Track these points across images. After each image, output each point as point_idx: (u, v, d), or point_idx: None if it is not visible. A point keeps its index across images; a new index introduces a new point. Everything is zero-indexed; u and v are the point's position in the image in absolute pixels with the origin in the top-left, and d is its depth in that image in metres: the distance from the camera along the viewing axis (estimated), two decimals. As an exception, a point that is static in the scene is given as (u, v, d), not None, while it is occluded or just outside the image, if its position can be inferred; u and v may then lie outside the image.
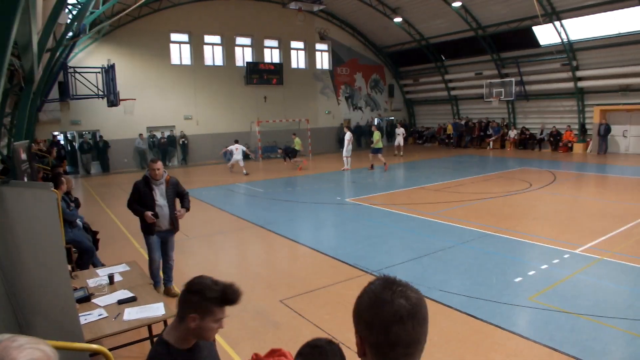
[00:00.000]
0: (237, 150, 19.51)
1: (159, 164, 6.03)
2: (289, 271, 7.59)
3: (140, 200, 6.04)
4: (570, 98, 24.62)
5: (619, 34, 21.26)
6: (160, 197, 6.08)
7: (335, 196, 13.92)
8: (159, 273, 6.42)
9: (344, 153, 19.95)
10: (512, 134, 27.05)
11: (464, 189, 14.30)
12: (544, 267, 7.04)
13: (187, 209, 6.30)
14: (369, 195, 13.70)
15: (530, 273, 6.80)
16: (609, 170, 17.98)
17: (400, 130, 25.20)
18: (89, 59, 21.27)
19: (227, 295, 2.20)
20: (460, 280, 6.67)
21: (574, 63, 23.28)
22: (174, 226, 6.30)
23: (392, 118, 34.18)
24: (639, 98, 21.91)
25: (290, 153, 21.69)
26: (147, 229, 6.15)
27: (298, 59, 29.46)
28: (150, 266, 6.34)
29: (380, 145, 19.33)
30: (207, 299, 2.15)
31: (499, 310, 5.60)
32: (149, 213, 5.96)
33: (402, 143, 24.99)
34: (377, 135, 19.31)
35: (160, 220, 6.11)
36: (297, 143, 22.09)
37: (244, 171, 19.26)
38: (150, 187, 6.04)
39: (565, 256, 7.50)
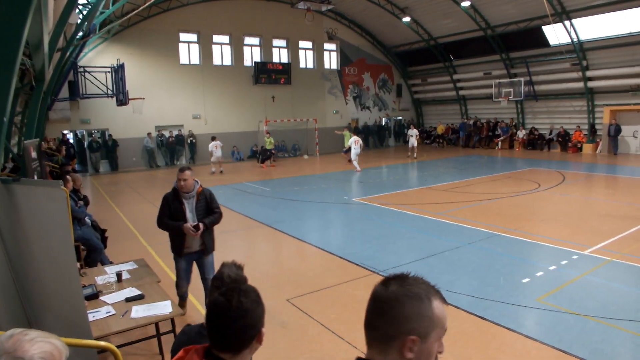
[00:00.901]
0: (217, 148, 20.18)
1: (187, 174, 5.12)
2: (296, 270, 7.60)
3: (170, 216, 5.21)
4: (579, 98, 24.44)
5: (630, 33, 21.07)
6: (190, 213, 5.19)
7: (342, 196, 13.92)
8: (186, 294, 5.72)
9: (352, 156, 19.57)
10: (521, 134, 26.91)
11: (472, 189, 14.25)
12: (552, 268, 7.00)
13: (205, 225, 5.21)
14: (376, 195, 13.68)
15: (538, 274, 6.76)
16: (619, 171, 17.83)
17: (413, 132, 24.19)
18: (98, 58, 21.43)
19: None
20: (467, 280, 6.64)
21: (584, 63, 23.10)
22: (205, 246, 5.36)
23: (400, 118, 34.15)
24: (649, 98, 21.73)
25: (263, 155, 22.26)
26: (177, 248, 5.33)
27: (306, 59, 29.48)
28: (176, 289, 5.65)
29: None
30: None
31: (506, 311, 5.57)
32: (190, 224, 5.10)
33: (415, 144, 23.90)
34: (347, 135, 21.38)
35: (188, 239, 5.22)
36: (269, 142, 22.55)
37: (212, 169, 20.24)
38: (181, 200, 5.18)
39: (574, 257, 7.45)
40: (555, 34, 23.12)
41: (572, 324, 5.16)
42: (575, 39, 22.64)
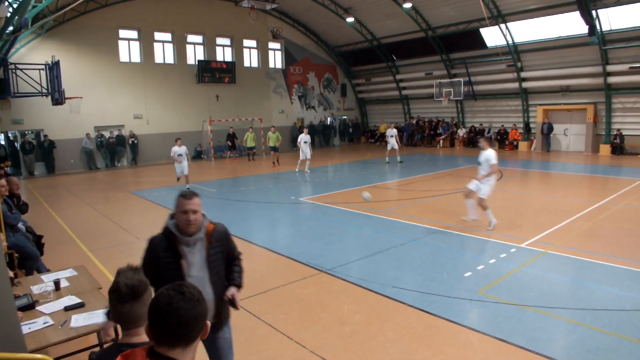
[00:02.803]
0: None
1: (197, 202, 3.24)
2: (244, 272, 7.50)
3: (158, 273, 3.10)
4: (515, 98, 25.62)
5: (559, 37, 22.30)
6: (195, 268, 3.19)
7: (289, 195, 13.91)
8: None
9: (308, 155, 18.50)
10: (461, 132, 27.86)
11: (415, 187, 14.60)
12: (492, 261, 7.29)
13: (239, 286, 3.47)
14: (322, 194, 13.75)
15: (480, 267, 7.02)
16: (551, 167, 18.81)
17: (393, 132, 21.22)
18: (31, 55, 20.35)
19: None
20: (413, 276, 6.80)
21: (519, 64, 24.21)
22: (219, 317, 3.35)
23: (345, 117, 34.53)
24: (578, 98, 23.10)
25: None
26: None
27: (251, 58, 29.22)
28: None
29: (275, 144, 21.40)
30: None
31: (450, 304, 5.75)
32: (228, 295, 3.34)
33: (396, 146, 20.66)
34: (274, 136, 21.47)
35: None
36: (251, 138, 23.28)
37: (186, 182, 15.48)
38: (177, 250, 3.16)
39: (512, 250, 7.79)
40: (492, 36, 24.12)
41: (511, 314, 5.39)
42: (510, 42, 23.68)
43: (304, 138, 18.44)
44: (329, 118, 33.54)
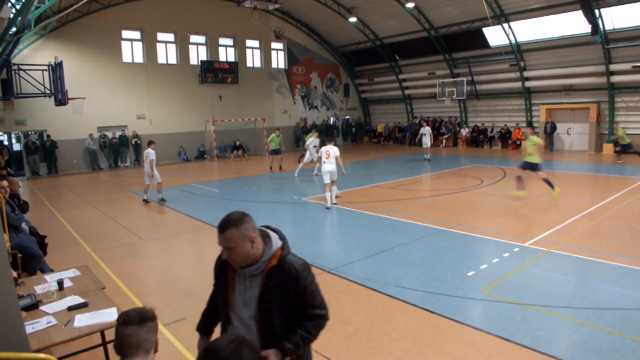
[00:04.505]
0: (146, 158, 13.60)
1: (227, 238, 2.46)
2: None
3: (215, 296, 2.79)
4: (518, 97, 25.57)
5: (562, 36, 22.25)
6: (242, 307, 2.52)
7: (292, 195, 13.90)
8: None
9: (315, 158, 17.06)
10: (464, 132, 27.82)
11: (418, 187, 14.58)
12: (495, 260, 7.27)
13: (287, 352, 2.45)
14: (325, 194, 13.72)
15: (483, 267, 7.01)
16: (555, 166, 18.74)
17: (426, 130, 21.35)
18: (34, 55, 20.41)
19: None
20: (416, 275, 6.80)
21: (522, 64, 24.16)
22: None
23: (348, 117, 34.53)
24: (581, 97, 23.04)
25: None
26: None
27: (253, 58, 29.24)
28: None
29: (278, 147, 18.98)
30: None
31: (453, 304, 5.74)
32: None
33: (428, 144, 21.25)
34: (277, 138, 18.95)
35: None
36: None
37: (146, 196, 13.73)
38: (228, 277, 2.58)
39: (515, 249, 7.77)
40: (495, 35, 24.08)
41: (515, 313, 5.38)
42: (513, 41, 23.63)
43: (314, 142, 17.17)
44: (331, 118, 33.56)
